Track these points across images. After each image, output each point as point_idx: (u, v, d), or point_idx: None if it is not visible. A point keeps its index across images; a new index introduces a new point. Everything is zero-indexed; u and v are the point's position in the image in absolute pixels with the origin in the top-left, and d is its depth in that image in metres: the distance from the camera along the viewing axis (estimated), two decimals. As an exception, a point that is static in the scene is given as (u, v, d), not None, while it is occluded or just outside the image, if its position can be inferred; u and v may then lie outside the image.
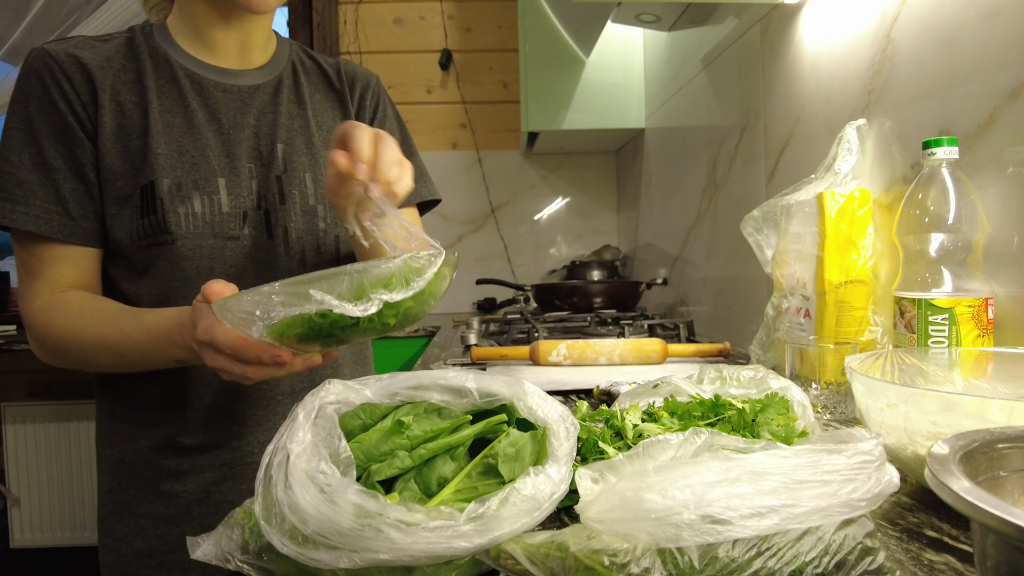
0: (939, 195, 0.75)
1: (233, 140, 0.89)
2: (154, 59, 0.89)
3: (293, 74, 0.99)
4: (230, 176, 0.88)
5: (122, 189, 0.84)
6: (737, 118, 1.44)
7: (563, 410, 0.51)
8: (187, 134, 0.87)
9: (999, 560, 0.32)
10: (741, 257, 1.40)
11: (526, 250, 2.78)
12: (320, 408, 0.46)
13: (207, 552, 0.44)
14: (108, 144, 0.83)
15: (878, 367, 0.66)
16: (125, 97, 0.86)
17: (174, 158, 0.85)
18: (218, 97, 0.91)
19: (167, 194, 0.83)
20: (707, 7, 1.41)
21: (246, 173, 0.89)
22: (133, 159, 0.84)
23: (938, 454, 0.37)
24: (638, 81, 2.20)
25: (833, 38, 1.06)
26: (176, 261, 0.84)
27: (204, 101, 0.90)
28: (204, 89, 0.90)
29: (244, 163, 0.89)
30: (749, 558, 0.38)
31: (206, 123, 0.89)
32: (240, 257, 0.87)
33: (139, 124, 0.85)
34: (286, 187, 0.91)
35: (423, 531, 0.38)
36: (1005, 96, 0.73)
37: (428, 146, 2.75)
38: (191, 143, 0.87)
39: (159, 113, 0.86)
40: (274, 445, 0.43)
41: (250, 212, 0.88)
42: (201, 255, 0.85)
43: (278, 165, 0.91)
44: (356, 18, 2.71)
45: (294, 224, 0.91)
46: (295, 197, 0.91)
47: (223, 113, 0.91)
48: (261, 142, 0.91)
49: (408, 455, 0.46)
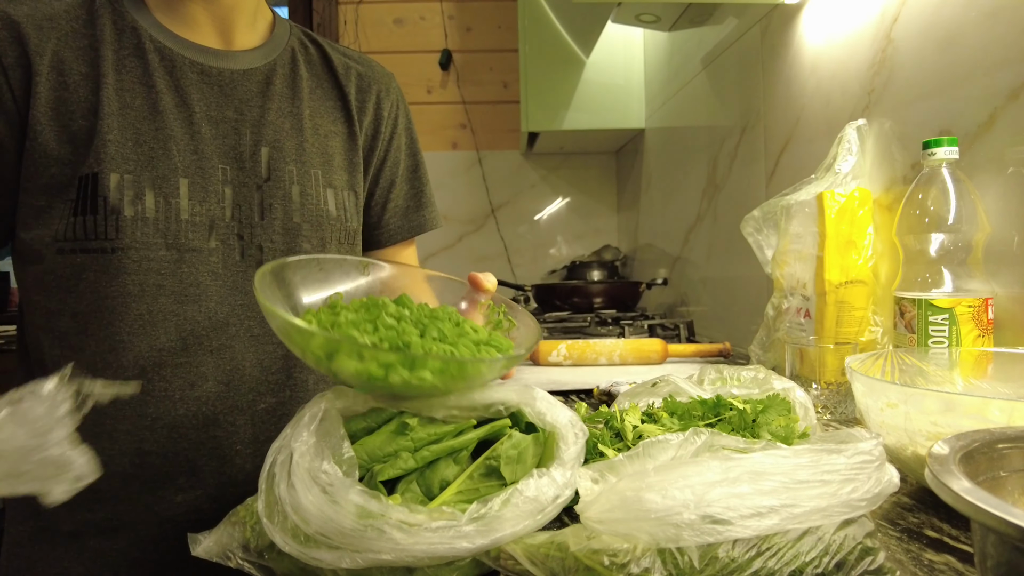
0: (939, 195, 0.75)
1: (204, 134, 0.75)
2: (118, 26, 0.74)
3: (291, 62, 0.84)
4: (195, 176, 0.73)
5: (56, 177, 0.68)
6: (737, 118, 1.44)
7: (573, 415, 0.50)
8: (147, 120, 0.72)
9: (999, 560, 0.32)
10: (741, 257, 1.40)
11: (526, 250, 2.78)
12: (326, 410, 0.46)
13: (208, 549, 0.44)
14: (42, 120, 0.68)
15: (878, 367, 0.66)
16: (71, 66, 0.70)
17: (127, 148, 0.70)
18: (192, 79, 0.76)
19: (114, 190, 0.68)
20: (707, 7, 1.41)
21: (217, 176, 0.74)
22: (75, 142, 0.69)
23: (938, 454, 0.37)
24: (638, 81, 2.20)
25: (833, 38, 1.06)
26: (115, 274, 0.69)
27: (174, 82, 0.75)
28: (176, 68, 0.75)
29: (216, 163, 0.75)
30: (749, 558, 0.38)
31: (173, 108, 0.74)
32: (199, 274, 0.73)
33: (86, 100, 0.70)
34: (267, 198, 0.77)
35: (425, 531, 0.38)
36: (1005, 96, 0.73)
37: (428, 146, 2.75)
38: (150, 131, 0.72)
39: (115, 91, 0.71)
40: (279, 444, 0.43)
41: (218, 223, 0.74)
42: (148, 269, 0.70)
43: (260, 171, 0.77)
44: (356, 18, 2.71)
45: (272, 243, 0.77)
46: (276, 211, 0.77)
47: (195, 100, 0.75)
48: (241, 140, 0.77)
49: (411, 456, 0.46)
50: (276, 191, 0.78)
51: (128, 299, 0.70)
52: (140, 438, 0.72)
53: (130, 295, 0.70)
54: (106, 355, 0.70)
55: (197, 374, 0.73)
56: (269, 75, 0.81)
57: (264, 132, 0.78)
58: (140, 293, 0.70)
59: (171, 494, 0.73)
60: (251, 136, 0.77)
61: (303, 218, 0.79)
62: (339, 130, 0.87)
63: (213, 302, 0.73)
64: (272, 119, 0.79)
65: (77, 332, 0.71)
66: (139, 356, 0.70)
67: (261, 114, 0.79)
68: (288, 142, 0.80)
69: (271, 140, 0.79)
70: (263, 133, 0.78)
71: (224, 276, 0.74)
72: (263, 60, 0.82)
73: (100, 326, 0.70)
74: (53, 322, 0.71)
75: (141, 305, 0.70)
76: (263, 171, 0.77)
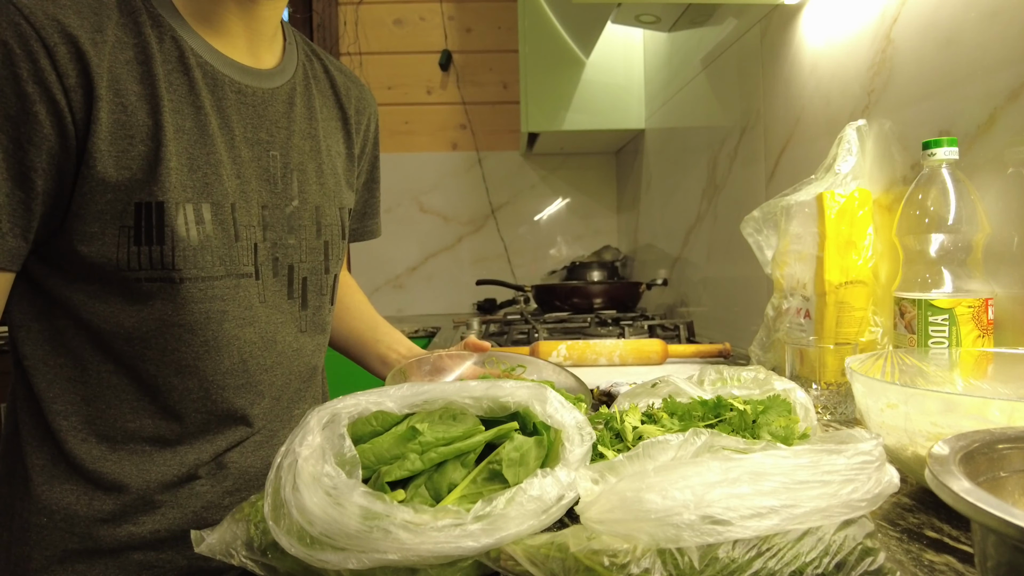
0: (939, 195, 0.75)
1: (244, 157, 0.73)
2: (158, 32, 0.68)
3: (304, 80, 0.83)
4: (239, 201, 0.72)
5: (112, 203, 0.64)
6: (737, 119, 1.44)
7: (581, 417, 0.51)
8: (199, 144, 0.69)
9: (999, 561, 0.32)
10: (741, 257, 1.40)
11: (526, 251, 2.78)
12: (334, 414, 0.46)
13: (211, 546, 0.44)
14: (102, 147, 0.63)
15: (878, 368, 0.66)
16: (126, 86, 0.64)
17: (185, 174, 0.67)
18: (231, 100, 0.73)
19: (179, 220, 0.66)
20: (707, 8, 1.41)
21: (255, 199, 0.74)
22: (132, 169, 0.64)
23: (938, 455, 0.37)
24: (638, 82, 2.21)
25: (833, 38, 1.06)
26: (181, 303, 0.68)
27: (216, 102, 0.71)
28: (218, 87, 0.71)
29: (254, 186, 0.74)
30: (749, 558, 0.38)
31: (218, 131, 0.71)
32: (251, 297, 0.74)
33: (145, 124, 0.65)
34: (295, 220, 0.78)
35: (431, 531, 0.38)
36: (1005, 96, 0.73)
37: (428, 147, 2.75)
38: (203, 156, 0.69)
39: (170, 113, 0.67)
40: (285, 447, 0.43)
41: (259, 246, 0.74)
42: (212, 296, 0.70)
43: (291, 193, 0.78)
44: (356, 19, 2.72)
45: (301, 263, 0.79)
46: (304, 232, 0.79)
47: (235, 121, 0.73)
48: (272, 164, 0.76)
49: (419, 457, 0.46)
50: (304, 213, 0.79)
51: (195, 326, 0.69)
52: (199, 450, 0.74)
53: (197, 323, 0.69)
54: (171, 378, 0.71)
55: (256, 392, 0.76)
56: (291, 95, 0.80)
57: (292, 155, 0.79)
58: (206, 320, 0.70)
59: (206, 492, 0.74)
60: (281, 159, 0.77)
61: (326, 237, 0.83)
62: (342, 150, 0.89)
63: (263, 323, 0.75)
64: (296, 142, 0.79)
65: (132, 356, 0.69)
66: (204, 379, 0.72)
67: (288, 136, 0.78)
68: (310, 164, 0.81)
69: (297, 163, 0.79)
70: (291, 156, 0.78)
71: (267, 297, 0.76)
72: (284, 79, 0.80)
73: (163, 351, 0.70)
74: (105, 343, 0.69)
75: (207, 331, 0.70)
76: (294, 194, 0.78)
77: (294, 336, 0.80)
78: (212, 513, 0.74)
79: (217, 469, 0.75)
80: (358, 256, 2.73)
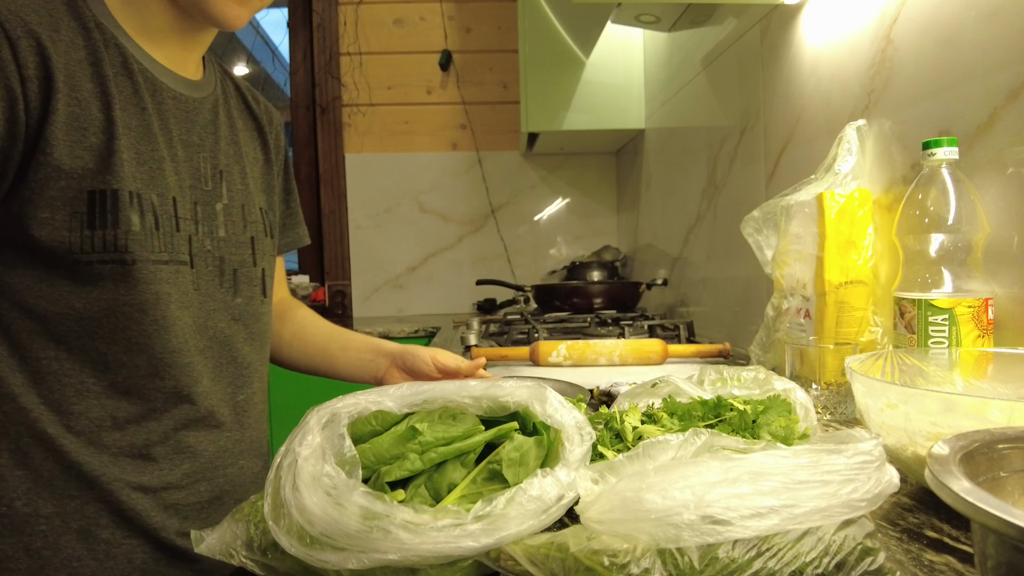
0: (939, 195, 0.75)
1: (180, 157, 0.81)
2: (103, 38, 0.74)
3: (224, 94, 0.93)
4: (178, 196, 0.79)
5: (63, 191, 0.69)
6: (737, 118, 1.44)
7: (581, 417, 0.51)
8: (145, 140, 0.76)
9: (999, 561, 0.32)
10: (741, 257, 1.40)
11: (526, 251, 2.78)
12: (334, 414, 0.46)
13: (211, 546, 0.44)
14: (60, 136, 0.68)
15: (878, 368, 0.66)
16: (81, 82, 0.71)
17: (134, 166, 0.74)
18: (169, 104, 0.81)
19: (129, 207, 0.73)
20: (707, 8, 1.41)
21: (189, 195, 0.81)
22: (85, 159, 0.70)
23: (938, 455, 0.37)
24: (638, 82, 2.21)
25: (833, 38, 1.06)
26: (132, 284, 0.73)
27: (156, 104, 0.79)
28: (158, 92, 0.79)
29: (188, 183, 0.82)
30: (749, 558, 0.38)
31: (159, 131, 0.78)
32: (188, 284, 0.80)
33: (97, 118, 0.72)
34: (226, 216, 0.86)
35: (431, 531, 0.38)
36: (1005, 96, 0.73)
37: (428, 147, 2.75)
38: (148, 151, 0.76)
39: (120, 111, 0.74)
40: (285, 447, 0.43)
41: (194, 239, 0.81)
42: (159, 279, 0.76)
43: (220, 193, 0.86)
44: (356, 19, 2.71)
45: (231, 255, 0.87)
46: (232, 227, 0.87)
47: (173, 124, 0.81)
48: (203, 165, 0.85)
49: (419, 457, 0.46)
50: (232, 210, 0.88)
51: (146, 306, 0.75)
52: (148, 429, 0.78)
53: (147, 302, 0.75)
54: (120, 356, 0.75)
55: (196, 371, 0.81)
56: (215, 105, 0.89)
57: (219, 158, 0.87)
58: (155, 300, 0.75)
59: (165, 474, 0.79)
60: (210, 162, 0.86)
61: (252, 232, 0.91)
62: (259, 156, 0.99)
63: (197, 308, 0.82)
64: (223, 147, 0.89)
65: (81, 335, 0.74)
66: (153, 356, 0.77)
67: (215, 141, 0.87)
68: (235, 168, 0.90)
69: (224, 166, 0.88)
70: (219, 159, 0.87)
71: (201, 285, 0.83)
72: (208, 91, 0.89)
73: (113, 330, 0.74)
74: (50, 326, 0.73)
75: (156, 311, 0.76)
76: (222, 193, 0.87)
77: (227, 323, 0.86)
78: (172, 494, 0.79)
79: (173, 453, 0.80)
80: (358, 256, 2.73)
